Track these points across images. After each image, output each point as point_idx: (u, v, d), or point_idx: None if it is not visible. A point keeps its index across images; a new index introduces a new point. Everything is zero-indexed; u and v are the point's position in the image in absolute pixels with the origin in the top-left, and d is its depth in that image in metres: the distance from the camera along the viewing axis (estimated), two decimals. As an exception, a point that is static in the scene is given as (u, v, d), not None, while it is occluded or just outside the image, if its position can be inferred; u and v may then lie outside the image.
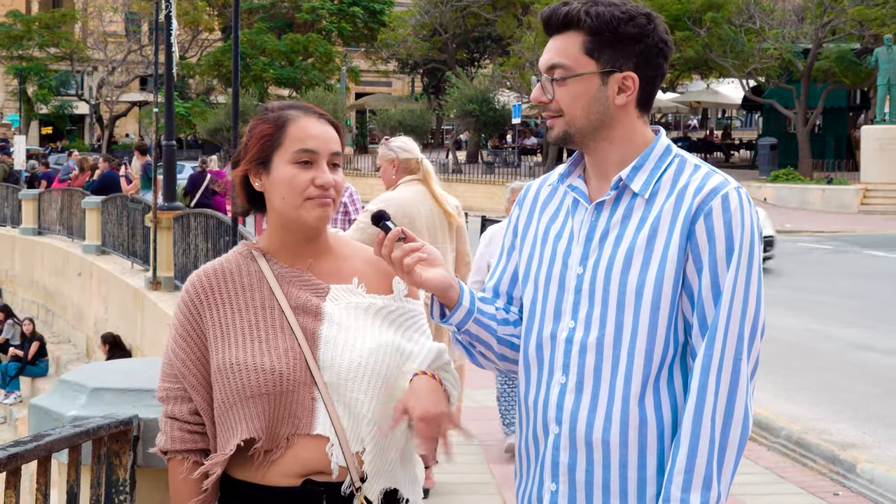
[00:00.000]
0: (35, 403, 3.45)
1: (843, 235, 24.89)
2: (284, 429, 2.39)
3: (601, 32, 2.33)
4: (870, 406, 9.11)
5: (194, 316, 2.46)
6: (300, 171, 2.43)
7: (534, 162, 44.21)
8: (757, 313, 2.30)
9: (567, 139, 2.41)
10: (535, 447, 2.46)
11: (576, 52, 2.35)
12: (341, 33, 58.45)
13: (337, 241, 2.59)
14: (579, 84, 2.35)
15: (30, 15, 59.58)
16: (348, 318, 2.46)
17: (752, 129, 61.98)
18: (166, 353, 2.51)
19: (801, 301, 14.79)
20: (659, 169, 2.38)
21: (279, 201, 2.45)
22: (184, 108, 49.41)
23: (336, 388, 2.41)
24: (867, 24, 35.22)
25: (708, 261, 2.29)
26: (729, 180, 2.34)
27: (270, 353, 2.39)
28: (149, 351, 13.58)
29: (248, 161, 2.48)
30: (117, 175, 19.94)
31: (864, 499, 6.88)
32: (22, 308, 21.93)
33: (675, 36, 38.55)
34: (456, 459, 5.06)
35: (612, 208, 2.39)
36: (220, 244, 11.89)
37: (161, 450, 2.51)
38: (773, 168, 36.62)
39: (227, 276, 2.49)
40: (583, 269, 2.39)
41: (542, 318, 2.45)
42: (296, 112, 2.49)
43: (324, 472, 2.40)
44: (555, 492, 2.41)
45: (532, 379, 2.47)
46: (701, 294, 2.29)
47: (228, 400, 2.40)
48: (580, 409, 2.36)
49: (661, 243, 2.31)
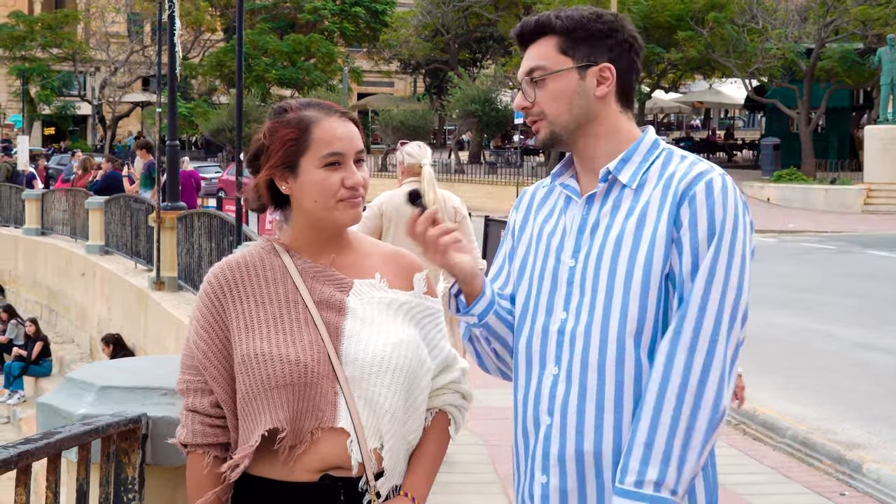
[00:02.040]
0: (43, 402, 3.45)
1: (847, 236, 24.87)
2: (309, 422, 2.39)
3: (573, 31, 2.42)
4: (874, 406, 9.10)
5: (217, 308, 2.46)
6: (330, 174, 2.43)
7: (536, 162, 44.21)
8: (738, 297, 2.29)
9: (554, 139, 2.46)
10: (526, 441, 2.47)
11: (552, 53, 2.43)
12: (343, 34, 58.51)
13: (356, 238, 2.59)
14: (558, 82, 2.42)
15: (32, 16, 59.65)
16: (371, 312, 2.46)
17: (755, 129, 62.02)
18: (187, 344, 2.50)
19: (805, 301, 14.78)
20: (647, 161, 2.42)
21: (311, 204, 2.45)
22: (186, 109, 49.43)
23: (358, 383, 2.41)
24: (870, 24, 35.21)
25: (689, 243, 2.30)
26: (714, 167, 2.37)
27: (295, 344, 2.39)
28: (152, 351, 13.57)
29: (273, 166, 2.46)
30: (120, 175, 19.96)
31: (870, 499, 6.87)
32: (25, 308, 21.95)
33: (678, 36, 38.66)
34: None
35: (602, 201, 2.42)
36: (224, 244, 11.89)
37: (181, 442, 2.50)
38: (776, 168, 36.59)
39: (250, 270, 2.49)
40: (574, 261, 2.42)
41: (534, 312, 2.47)
42: (316, 112, 2.47)
43: (342, 468, 2.40)
44: (545, 483, 2.40)
45: (522, 373, 2.49)
46: (682, 275, 2.30)
47: (252, 390, 2.39)
48: (570, 398, 2.36)
49: (649, 229, 2.33)
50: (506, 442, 7.57)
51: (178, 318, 12.11)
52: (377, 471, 2.42)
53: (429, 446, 2.55)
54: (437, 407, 2.58)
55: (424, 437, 2.55)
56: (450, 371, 2.60)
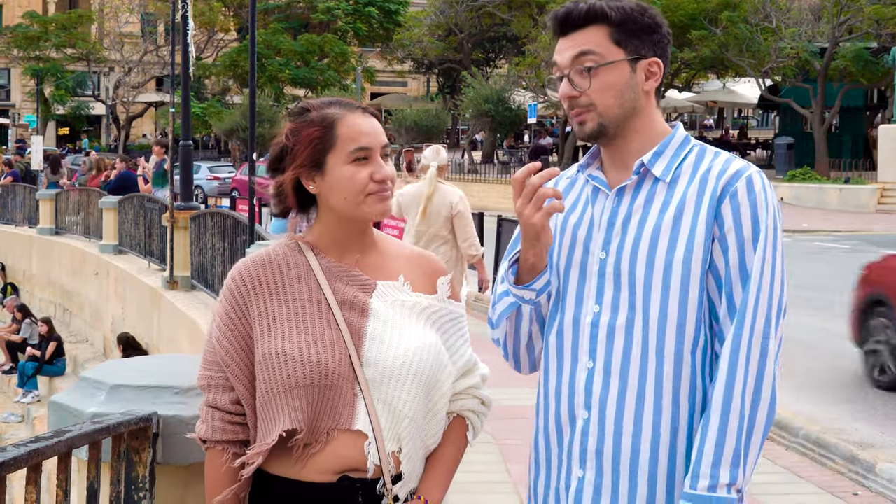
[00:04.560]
0: (54, 400, 3.45)
1: (860, 235, 24.74)
2: (325, 423, 2.38)
3: (625, 23, 2.39)
4: (888, 405, 9.07)
5: (240, 305, 2.45)
6: (358, 169, 2.42)
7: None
8: (782, 293, 2.34)
9: (602, 132, 2.42)
10: (559, 435, 2.46)
11: (605, 42, 2.39)
12: (357, 33, 58.54)
13: (381, 239, 2.58)
14: (611, 73, 2.39)
15: (46, 16, 59.86)
16: (394, 315, 2.45)
17: (769, 128, 61.80)
18: (209, 341, 2.50)
19: (818, 300, 14.72)
20: (679, 155, 2.42)
21: (340, 201, 2.44)
22: (200, 109, 49.53)
23: (378, 386, 2.40)
24: (884, 23, 35.03)
25: (735, 241, 2.32)
26: (748, 164, 2.40)
27: (317, 345, 2.39)
28: (165, 350, 13.59)
29: (299, 166, 2.45)
30: (134, 175, 19.99)
31: (883, 498, 6.85)
32: (39, 307, 22.00)
33: (691, 35, 38.56)
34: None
35: (634, 193, 2.41)
36: (237, 243, 11.90)
37: (201, 438, 2.50)
38: (789, 167, 36.47)
39: (274, 268, 2.48)
40: (605, 253, 2.40)
41: (563, 304, 2.46)
42: (339, 110, 2.46)
43: (359, 470, 2.40)
44: (581, 478, 2.40)
45: (553, 366, 2.48)
46: (729, 274, 2.32)
47: (272, 390, 2.39)
48: (609, 393, 2.36)
49: (687, 224, 2.34)
50: (517, 441, 7.56)
51: (192, 318, 12.14)
52: (395, 474, 2.42)
53: (446, 450, 2.54)
54: (456, 412, 2.57)
55: (442, 441, 2.54)
56: (470, 376, 2.58)
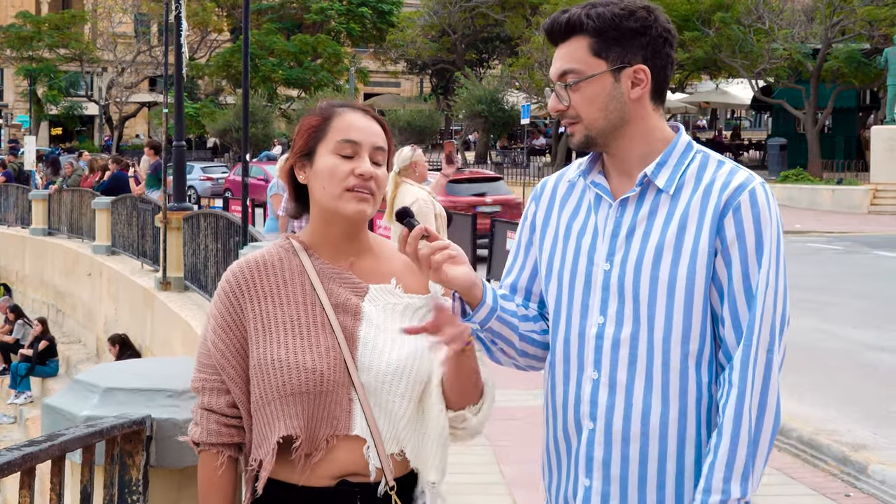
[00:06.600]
0: (48, 403, 3.45)
1: (853, 236, 24.79)
2: (323, 430, 2.38)
3: (605, 32, 2.35)
4: (881, 407, 9.08)
5: (235, 307, 2.44)
6: (342, 162, 2.42)
7: (543, 162, 44.19)
8: (785, 305, 2.37)
9: (589, 143, 2.42)
10: (567, 443, 2.47)
11: (584, 56, 2.37)
12: (350, 34, 58.51)
13: (377, 242, 2.58)
14: (593, 86, 2.37)
15: (39, 16, 59.72)
16: (386, 319, 2.45)
17: (762, 129, 61.87)
18: (203, 343, 2.49)
19: (811, 302, 14.73)
20: (682, 165, 2.40)
21: (320, 191, 2.44)
22: (193, 109, 49.47)
23: (373, 391, 2.40)
24: (876, 25, 35.12)
25: (739, 255, 2.32)
26: (753, 175, 2.38)
27: (312, 351, 2.38)
28: (159, 351, 13.59)
29: (294, 154, 2.48)
30: (127, 176, 19.98)
31: (875, 500, 6.86)
32: (32, 308, 21.97)
33: (684, 36, 38.53)
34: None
35: (637, 204, 2.40)
36: (230, 244, 11.89)
37: (194, 441, 2.49)
38: (782, 168, 36.56)
39: (268, 269, 2.47)
40: (609, 265, 2.40)
41: (568, 314, 2.46)
42: (344, 108, 2.49)
43: (359, 474, 2.40)
44: (588, 487, 2.41)
45: (559, 375, 2.48)
46: (732, 288, 2.33)
47: (266, 396, 2.38)
48: (616, 404, 2.37)
49: (690, 238, 2.34)
50: (510, 442, 7.57)
51: (185, 319, 12.13)
52: (397, 475, 2.43)
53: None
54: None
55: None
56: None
